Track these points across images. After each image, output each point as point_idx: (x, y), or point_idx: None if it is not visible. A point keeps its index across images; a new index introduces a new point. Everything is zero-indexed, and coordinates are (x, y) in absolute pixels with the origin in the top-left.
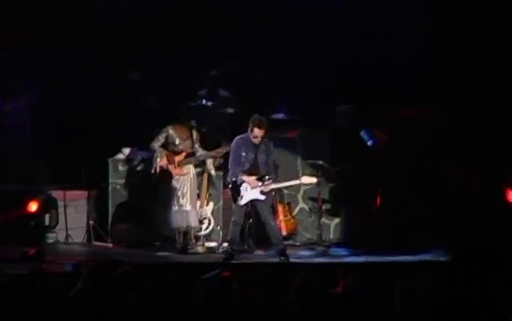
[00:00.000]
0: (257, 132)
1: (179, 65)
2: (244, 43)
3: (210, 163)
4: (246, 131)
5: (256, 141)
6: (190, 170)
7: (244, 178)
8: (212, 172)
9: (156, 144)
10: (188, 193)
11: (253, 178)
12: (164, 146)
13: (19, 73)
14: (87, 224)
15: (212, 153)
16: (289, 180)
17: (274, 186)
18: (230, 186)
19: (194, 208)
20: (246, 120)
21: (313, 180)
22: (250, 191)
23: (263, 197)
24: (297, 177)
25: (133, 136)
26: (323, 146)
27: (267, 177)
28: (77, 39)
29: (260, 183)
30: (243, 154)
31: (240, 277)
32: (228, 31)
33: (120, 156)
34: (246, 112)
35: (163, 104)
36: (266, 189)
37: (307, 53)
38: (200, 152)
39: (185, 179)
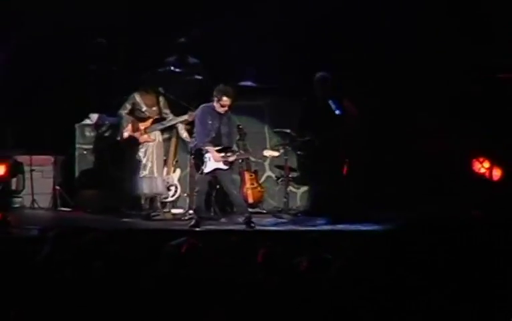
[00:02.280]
0: (225, 100)
1: (147, 32)
2: (213, 8)
3: (182, 128)
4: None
5: (222, 110)
6: (157, 136)
7: (209, 149)
8: (184, 136)
9: (123, 111)
10: (155, 160)
11: (216, 151)
12: (131, 112)
13: None
14: (53, 189)
15: (181, 118)
16: (252, 153)
17: (236, 157)
18: (193, 155)
19: (160, 175)
20: (214, 87)
21: (275, 153)
22: (214, 161)
23: (225, 167)
24: (264, 145)
25: (100, 102)
26: (291, 114)
27: (229, 149)
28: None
29: (222, 154)
30: (209, 122)
31: (206, 245)
32: None
33: (87, 121)
34: (214, 79)
35: (130, 70)
36: (228, 160)
37: (278, 18)
38: (171, 117)
39: (152, 146)
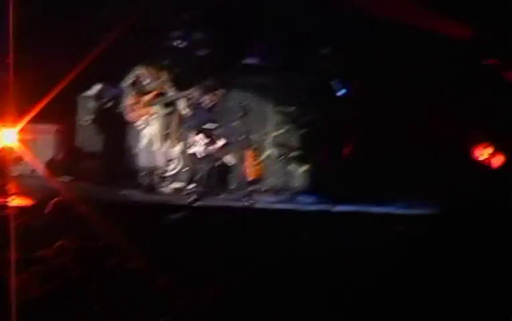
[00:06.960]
0: None
1: (154, 4)
2: None
3: (182, 103)
4: (219, 73)
5: None
6: (159, 110)
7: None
8: (184, 112)
9: (126, 84)
10: (156, 133)
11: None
12: (134, 85)
13: None
14: (54, 159)
15: (182, 93)
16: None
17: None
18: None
19: (159, 148)
20: (220, 62)
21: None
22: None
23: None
24: (266, 124)
25: (103, 73)
26: (296, 92)
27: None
28: None
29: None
30: None
31: (206, 220)
32: None
33: (90, 92)
34: (220, 54)
35: (136, 42)
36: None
37: None
38: (173, 91)
39: (153, 119)
